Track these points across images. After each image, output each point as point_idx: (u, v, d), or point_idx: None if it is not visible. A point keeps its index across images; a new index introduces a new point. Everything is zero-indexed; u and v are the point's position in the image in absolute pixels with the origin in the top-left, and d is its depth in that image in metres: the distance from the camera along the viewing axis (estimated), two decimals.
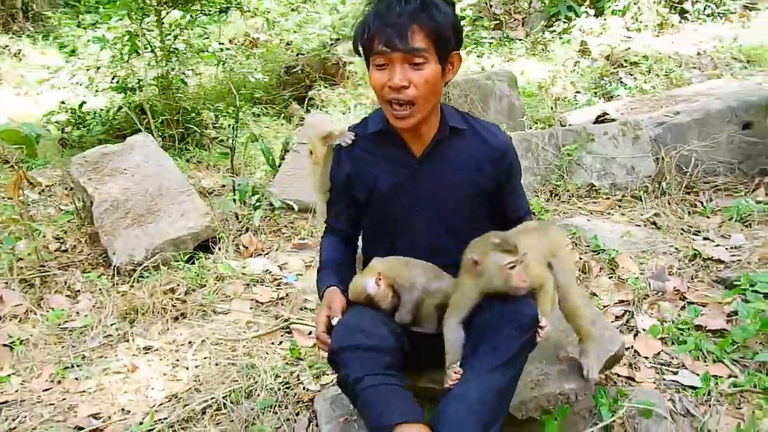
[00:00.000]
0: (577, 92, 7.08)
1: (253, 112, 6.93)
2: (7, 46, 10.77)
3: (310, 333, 3.21)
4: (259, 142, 4.27)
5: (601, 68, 7.40)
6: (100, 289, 3.73)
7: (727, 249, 3.61)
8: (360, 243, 2.49)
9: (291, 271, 3.88)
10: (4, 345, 3.26)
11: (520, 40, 9.10)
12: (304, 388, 2.78)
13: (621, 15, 8.88)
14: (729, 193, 4.41)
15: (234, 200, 4.23)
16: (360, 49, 2.12)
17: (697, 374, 2.73)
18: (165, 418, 2.68)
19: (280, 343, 3.19)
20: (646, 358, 2.87)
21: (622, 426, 2.45)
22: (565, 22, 8.92)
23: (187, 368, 3.01)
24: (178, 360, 3.10)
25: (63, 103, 7.01)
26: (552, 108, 6.61)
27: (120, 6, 5.02)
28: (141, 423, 2.67)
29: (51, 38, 10.91)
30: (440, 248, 2.23)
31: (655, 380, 2.74)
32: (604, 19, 8.78)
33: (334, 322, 2.04)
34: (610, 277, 3.46)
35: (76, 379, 3.05)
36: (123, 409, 2.80)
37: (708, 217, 4.04)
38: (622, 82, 6.85)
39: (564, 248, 2.29)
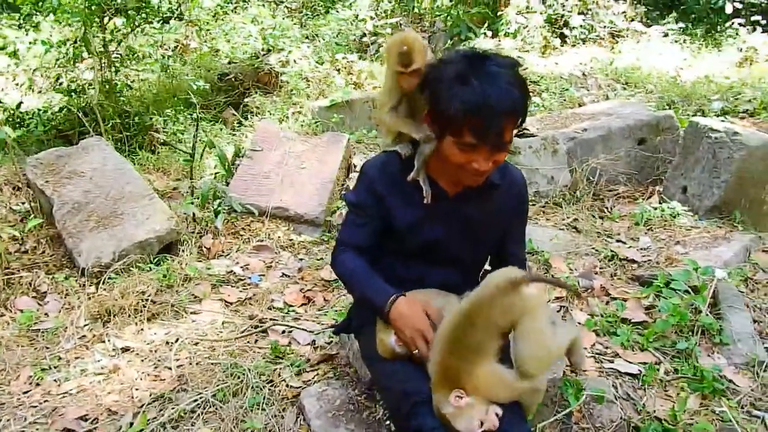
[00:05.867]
0: None
1: (192, 117, 6.59)
2: None
3: (283, 332, 3.08)
4: (216, 148, 4.03)
5: None
6: (67, 291, 3.44)
7: (638, 250, 3.75)
8: None
9: (254, 271, 3.71)
10: None
11: None
12: (287, 385, 2.66)
13: (513, 37, 9.08)
14: (629, 200, 4.59)
15: (192, 203, 4.00)
16: (438, 112, 1.80)
17: (630, 362, 2.83)
18: (155, 419, 2.50)
19: (256, 341, 3.03)
20: (585, 348, 2.94)
21: (580, 411, 2.50)
22: (466, 42, 9.02)
23: (170, 368, 2.81)
24: (159, 360, 2.89)
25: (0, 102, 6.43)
26: None
27: (74, 14, 4.60)
28: (132, 424, 2.48)
29: None
30: (449, 284, 2.08)
31: (596, 368, 2.81)
32: (499, 41, 8.93)
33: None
34: None
35: (55, 380, 2.80)
36: (110, 410, 2.59)
37: (617, 222, 4.19)
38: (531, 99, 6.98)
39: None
